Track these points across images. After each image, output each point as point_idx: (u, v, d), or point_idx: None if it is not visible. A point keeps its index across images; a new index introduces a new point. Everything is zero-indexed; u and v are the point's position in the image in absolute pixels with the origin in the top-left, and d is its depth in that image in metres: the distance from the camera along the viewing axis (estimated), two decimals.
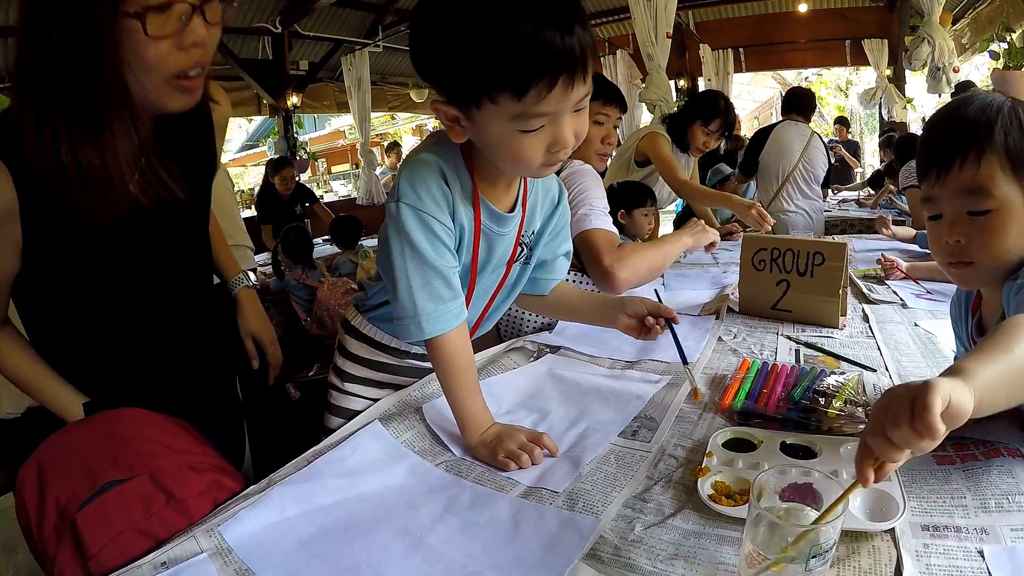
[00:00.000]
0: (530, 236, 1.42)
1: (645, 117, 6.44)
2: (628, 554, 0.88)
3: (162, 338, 1.42)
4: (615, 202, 2.93)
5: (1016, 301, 0.96)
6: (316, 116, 17.13)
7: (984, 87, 7.11)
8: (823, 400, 1.22)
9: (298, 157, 9.17)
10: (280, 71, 8.84)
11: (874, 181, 7.10)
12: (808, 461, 1.07)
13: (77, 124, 1.08)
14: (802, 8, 9.34)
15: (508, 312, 1.93)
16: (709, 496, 0.98)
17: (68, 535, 1.01)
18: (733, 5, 10.03)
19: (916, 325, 1.82)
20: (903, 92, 9.06)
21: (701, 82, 10.34)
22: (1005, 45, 4.44)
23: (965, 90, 5.74)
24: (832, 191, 7.70)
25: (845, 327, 1.84)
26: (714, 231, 2.31)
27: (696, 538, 0.91)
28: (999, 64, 4.48)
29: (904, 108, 8.99)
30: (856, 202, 6.53)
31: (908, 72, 8.36)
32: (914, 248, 2.96)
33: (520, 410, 1.40)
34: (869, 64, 9.54)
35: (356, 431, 1.28)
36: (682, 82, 10.19)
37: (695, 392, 1.38)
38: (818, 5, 9.57)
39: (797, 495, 0.79)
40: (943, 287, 2.14)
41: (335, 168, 19.53)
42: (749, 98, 19.80)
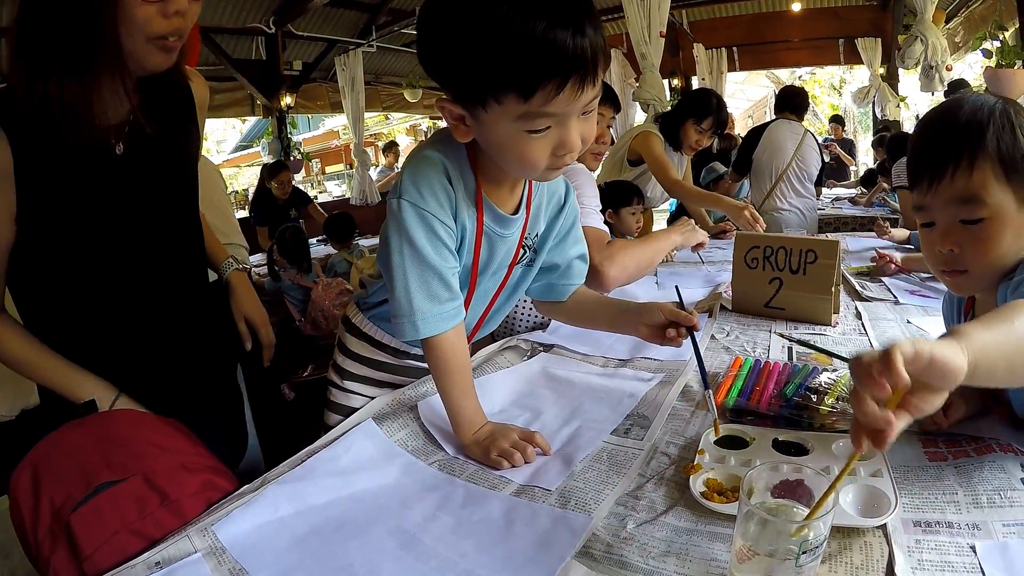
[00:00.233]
0: (534, 239, 1.41)
1: (639, 116, 6.44)
2: (620, 551, 0.88)
3: (159, 332, 1.43)
4: (603, 201, 2.94)
5: (1015, 296, 0.96)
6: (310, 116, 17.09)
7: (977, 85, 7.13)
8: (815, 397, 1.22)
9: (292, 157, 9.14)
10: (274, 71, 8.82)
11: (867, 180, 7.11)
12: (800, 458, 1.07)
13: (68, 66, 1.18)
14: (795, 7, 9.36)
15: None
16: (701, 493, 0.98)
17: (63, 537, 1.01)
18: (727, 4, 10.04)
19: (909, 322, 1.83)
20: (896, 90, 9.08)
21: (695, 81, 10.34)
22: (998, 43, 4.45)
23: (958, 88, 5.75)
24: (827, 186, 7.73)
25: (838, 324, 1.84)
26: (703, 232, 2.32)
27: (688, 535, 0.91)
28: (992, 62, 4.50)
29: (898, 106, 9.01)
30: (850, 200, 6.53)
31: (901, 70, 8.39)
32: (908, 248, 2.97)
33: (513, 408, 1.40)
34: (862, 63, 9.56)
35: (349, 430, 1.28)
36: (676, 81, 10.20)
37: (715, 425, 1.19)
38: (811, 4, 9.58)
39: (789, 492, 0.79)
40: (938, 283, 2.14)
41: (329, 168, 19.50)
42: (743, 97, 19.80)
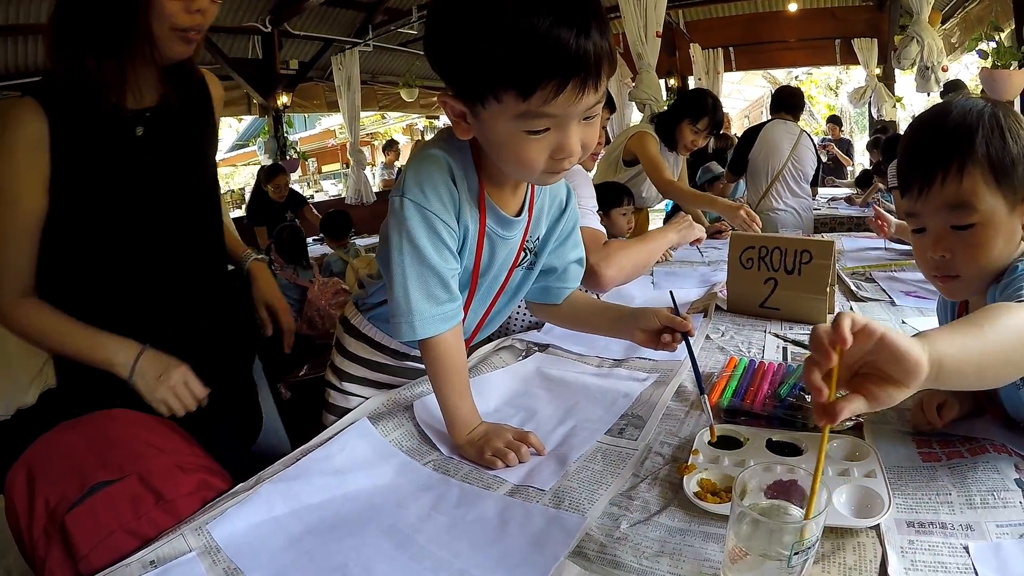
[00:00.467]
0: (535, 242, 1.40)
1: (635, 116, 6.45)
2: (614, 551, 0.89)
3: (166, 322, 1.47)
4: None
5: (1002, 299, 0.96)
6: (306, 115, 17.08)
7: (973, 86, 7.15)
8: (809, 397, 1.22)
9: (288, 157, 9.14)
10: (270, 70, 8.81)
11: (862, 180, 7.12)
12: (794, 458, 1.08)
13: (106, 48, 1.30)
14: (792, 7, 9.38)
15: None
16: (695, 493, 0.98)
17: (58, 536, 1.01)
18: (723, 4, 10.05)
19: (904, 323, 1.83)
20: (892, 91, 9.10)
21: (691, 81, 10.35)
22: (994, 44, 4.46)
23: (954, 89, 5.78)
24: (827, 184, 7.74)
25: None
26: (700, 227, 2.32)
27: (682, 535, 0.91)
28: (988, 63, 4.51)
29: (894, 107, 9.03)
30: (845, 200, 6.54)
31: (897, 71, 8.41)
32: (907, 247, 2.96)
33: (508, 408, 1.40)
34: (859, 63, 9.58)
35: (343, 429, 1.28)
36: (672, 81, 10.20)
37: (711, 430, 1.17)
38: (808, 4, 9.60)
39: (782, 492, 0.79)
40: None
41: (325, 167, 19.52)
42: (739, 97, 19.83)
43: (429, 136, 16.18)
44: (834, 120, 10.80)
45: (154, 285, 1.46)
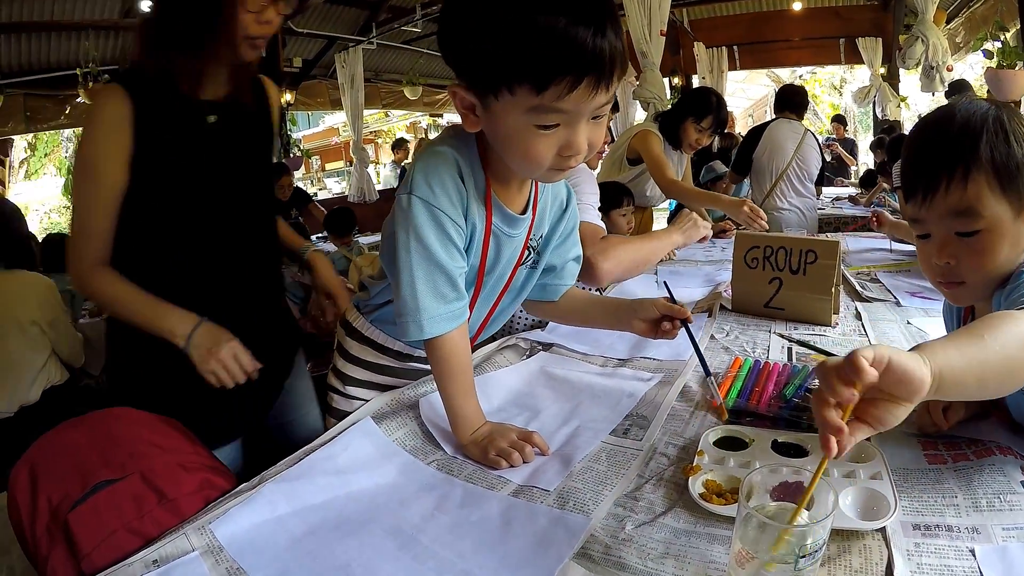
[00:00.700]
0: (538, 240, 1.40)
1: (639, 114, 6.44)
2: (619, 553, 0.88)
3: (231, 300, 1.63)
4: None
5: (1007, 305, 0.96)
6: (310, 113, 17.12)
7: (978, 86, 7.14)
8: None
9: (291, 155, 9.14)
10: (274, 68, 8.77)
11: (866, 180, 7.11)
12: (799, 460, 1.07)
13: (194, 46, 1.47)
14: (796, 6, 9.37)
15: None
16: (700, 495, 0.98)
17: (60, 535, 1.01)
18: (728, 3, 10.06)
19: (909, 323, 1.82)
20: (897, 90, 9.09)
21: (695, 80, 10.35)
22: (999, 44, 4.46)
23: (959, 89, 5.77)
24: (836, 184, 7.74)
25: (838, 325, 1.84)
26: (705, 224, 2.31)
27: (687, 537, 0.90)
28: (993, 63, 4.50)
29: (898, 106, 9.02)
30: (849, 199, 6.53)
31: (902, 70, 8.38)
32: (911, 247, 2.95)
33: (512, 408, 1.40)
34: (863, 62, 9.58)
35: (347, 428, 1.28)
36: (676, 80, 10.19)
37: (721, 410, 1.27)
38: (812, 3, 9.59)
39: (788, 494, 0.79)
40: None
41: (329, 165, 19.50)
42: (743, 96, 19.79)
43: (433, 134, 16.19)
44: (838, 119, 10.78)
45: (215, 264, 1.61)
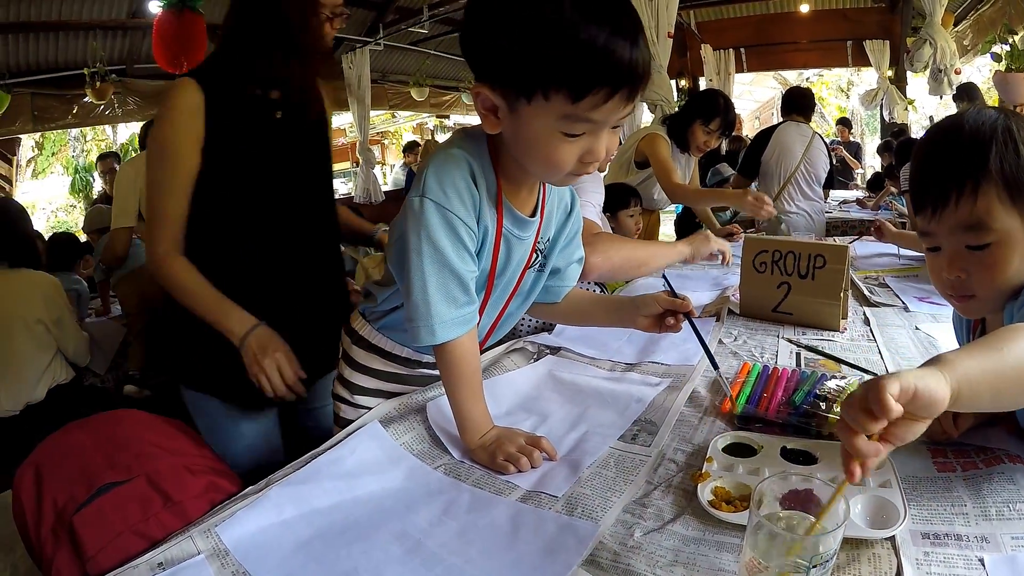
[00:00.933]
0: (545, 243, 1.40)
1: (646, 116, 6.44)
2: (627, 560, 0.88)
3: (283, 291, 1.69)
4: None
5: (1020, 317, 0.95)
6: None
7: (986, 89, 7.11)
8: (824, 405, 1.21)
9: None
10: None
11: (874, 183, 7.09)
12: (808, 467, 1.07)
13: (278, 47, 1.60)
14: (804, 8, 9.36)
15: None
16: (709, 502, 0.97)
17: (65, 537, 1.01)
18: (735, 5, 10.05)
19: (917, 329, 1.81)
20: (904, 93, 9.07)
21: (702, 82, 10.36)
22: (1007, 47, 4.44)
23: (966, 92, 5.73)
24: (851, 187, 7.73)
25: (846, 330, 1.83)
26: (721, 241, 2.31)
27: (696, 544, 0.90)
28: (1001, 66, 4.48)
29: (905, 109, 9.00)
30: (857, 202, 6.51)
31: (909, 73, 8.37)
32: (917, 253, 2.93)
33: (520, 412, 1.39)
34: (871, 65, 9.57)
35: (354, 432, 1.27)
36: (683, 82, 10.20)
37: (732, 405, 1.30)
38: (820, 6, 9.59)
39: (797, 501, 0.79)
40: None
41: (335, 166, 19.47)
42: (750, 98, 19.81)
43: (440, 135, 16.19)
44: (844, 122, 10.77)
45: (281, 253, 1.69)
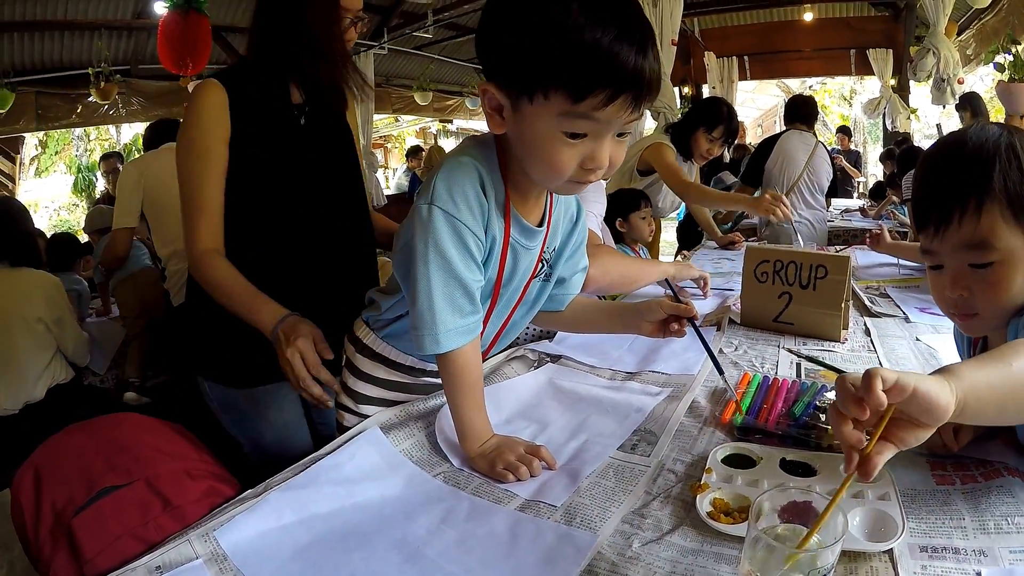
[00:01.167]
0: (551, 253, 1.40)
1: (649, 123, 6.44)
2: (625, 571, 0.88)
3: (315, 294, 1.69)
4: (611, 211, 2.95)
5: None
6: None
7: (989, 99, 7.12)
8: (823, 417, 1.21)
9: None
10: None
11: (876, 192, 7.09)
12: (808, 479, 1.07)
13: (305, 52, 1.65)
14: (807, 17, 9.37)
15: None
16: (708, 513, 0.97)
17: (64, 539, 1.01)
18: (738, 13, 10.05)
19: (918, 340, 1.82)
20: (907, 102, 9.07)
21: (705, 89, 10.35)
22: (1010, 57, 4.45)
23: (969, 101, 5.74)
24: (861, 196, 7.73)
25: (847, 341, 1.83)
26: (699, 270, 2.42)
27: (694, 556, 0.90)
28: (1004, 76, 4.49)
29: (908, 118, 9.00)
30: (859, 211, 6.51)
31: (912, 82, 8.37)
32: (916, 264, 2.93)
33: (520, 420, 1.39)
34: (873, 74, 9.57)
35: (354, 437, 1.27)
36: (687, 89, 10.21)
37: (729, 410, 1.31)
38: (823, 14, 9.59)
39: (796, 514, 0.79)
40: None
41: None
42: (753, 106, 19.79)
43: (443, 140, 16.19)
44: (843, 131, 10.75)
45: (300, 257, 1.70)
